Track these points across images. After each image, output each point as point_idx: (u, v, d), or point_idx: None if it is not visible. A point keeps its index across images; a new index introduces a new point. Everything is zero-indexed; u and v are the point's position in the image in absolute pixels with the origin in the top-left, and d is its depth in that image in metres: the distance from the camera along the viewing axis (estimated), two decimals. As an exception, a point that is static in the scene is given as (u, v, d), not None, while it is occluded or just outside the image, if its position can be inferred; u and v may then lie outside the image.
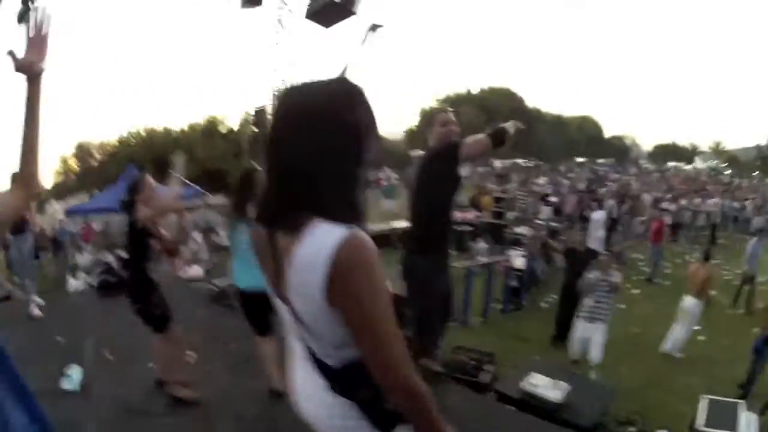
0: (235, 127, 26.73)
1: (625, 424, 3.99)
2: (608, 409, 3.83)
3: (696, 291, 5.53)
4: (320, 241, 0.77)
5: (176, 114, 79.06)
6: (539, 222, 10.00)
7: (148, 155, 22.79)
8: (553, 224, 10.14)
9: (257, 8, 6.42)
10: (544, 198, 13.32)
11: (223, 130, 27.57)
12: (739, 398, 4.54)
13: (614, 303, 4.92)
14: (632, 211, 12.53)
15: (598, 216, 9.57)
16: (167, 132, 27.80)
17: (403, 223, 11.90)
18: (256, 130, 7.70)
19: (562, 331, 5.59)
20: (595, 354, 4.67)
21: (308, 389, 0.97)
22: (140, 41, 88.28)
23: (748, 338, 5.02)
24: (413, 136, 36.05)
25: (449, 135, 2.34)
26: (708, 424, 3.38)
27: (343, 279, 0.77)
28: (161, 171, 3.60)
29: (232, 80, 70.73)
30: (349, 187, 0.83)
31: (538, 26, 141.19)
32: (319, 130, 0.80)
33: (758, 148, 48.00)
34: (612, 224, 10.74)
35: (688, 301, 5.53)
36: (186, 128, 28.11)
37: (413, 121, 36.99)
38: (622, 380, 4.73)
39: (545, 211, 11.79)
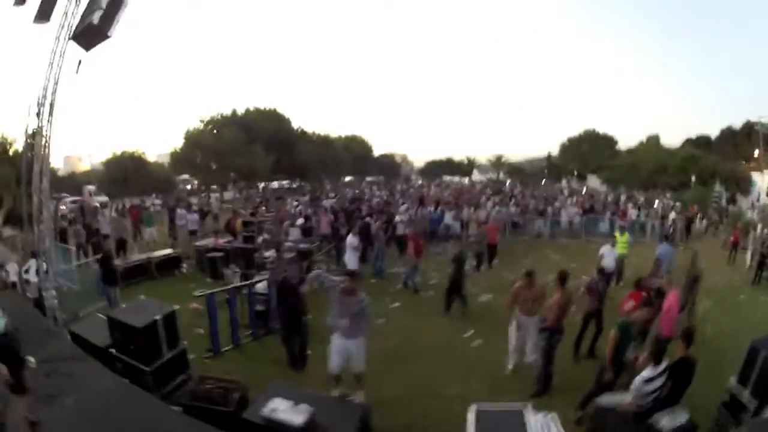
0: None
1: (394, 437, 3.83)
2: (369, 425, 3.81)
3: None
4: None
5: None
6: (288, 244, 9.80)
7: None
8: (303, 246, 10.05)
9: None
10: (303, 219, 13.09)
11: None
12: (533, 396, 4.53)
13: (370, 319, 4.76)
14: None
15: (351, 240, 9.41)
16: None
17: (162, 252, 10.84)
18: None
19: (293, 358, 5.51)
20: (358, 366, 4.50)
21: None
22: None
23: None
24: (178, 159, 32.92)
25: None
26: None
27: None
28: None
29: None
30: None
31: (309, 48, 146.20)
32: None
33: (549, 157, 51.99)
34: (369, 239, 10.78)
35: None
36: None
37: (178, 143, 33.36)
38: (385, 396, 4.67)
39: (293, 233, 11.53)
